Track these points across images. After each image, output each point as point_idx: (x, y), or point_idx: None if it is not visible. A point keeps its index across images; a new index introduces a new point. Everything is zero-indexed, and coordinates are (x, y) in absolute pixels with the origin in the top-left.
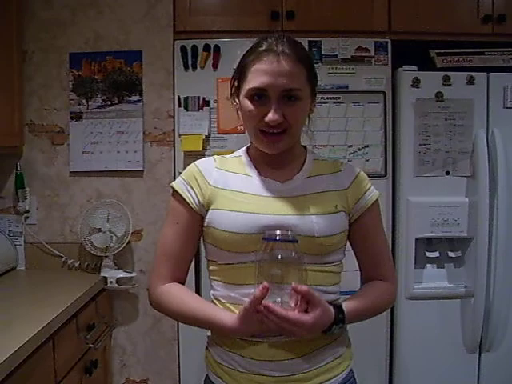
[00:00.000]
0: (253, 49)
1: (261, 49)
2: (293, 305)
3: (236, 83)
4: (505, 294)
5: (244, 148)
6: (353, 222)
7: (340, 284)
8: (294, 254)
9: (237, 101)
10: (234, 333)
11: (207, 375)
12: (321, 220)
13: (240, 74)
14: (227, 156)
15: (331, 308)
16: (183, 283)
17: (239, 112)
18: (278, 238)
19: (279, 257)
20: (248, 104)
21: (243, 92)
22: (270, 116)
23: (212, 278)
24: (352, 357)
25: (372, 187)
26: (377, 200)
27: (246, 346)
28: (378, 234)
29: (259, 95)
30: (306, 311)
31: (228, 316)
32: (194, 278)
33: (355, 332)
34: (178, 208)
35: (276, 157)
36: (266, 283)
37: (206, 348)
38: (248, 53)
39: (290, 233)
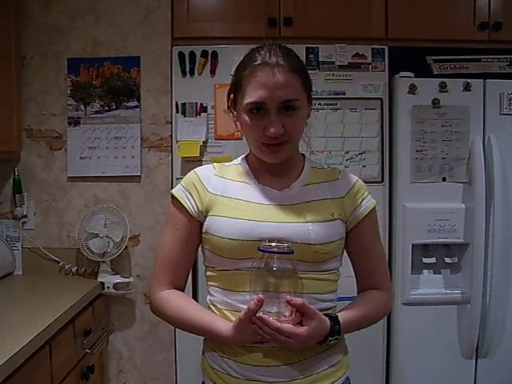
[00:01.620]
0: (246, 62)
1: (255, 63)
2: (287, 314)
3: (232, 96)
4: (501, 299)
5: (243, 156)
6: (349, 230)
7: (337, 292)
8: (289, 265)
9: (234, 113)
10: (230, 341)
11: (203, 381)
12: (317, 228)
13: (236, 88)
14: (226, 164)
15: (327, 320)
16: (183, 289)
17: (237, 123)
18: (273, 249)
19: (275, 268)
20: (247, 119)
21: (241, 106)
22: (272, 130)
23: (209, 283)
24: (349, 364)
25: (369, 196)
26: (374, 209)
27: (241, 351)
28: (375, 243)
29: (257, 108)
30: (301, 323)
31: (224, 325)
32: (191, 284)
33: (352, 338)
34: (178, 215)
35: (275, 164)
36: (261, 295)
37: (203, 353)
38: (242, 66)
39: (286, 244)
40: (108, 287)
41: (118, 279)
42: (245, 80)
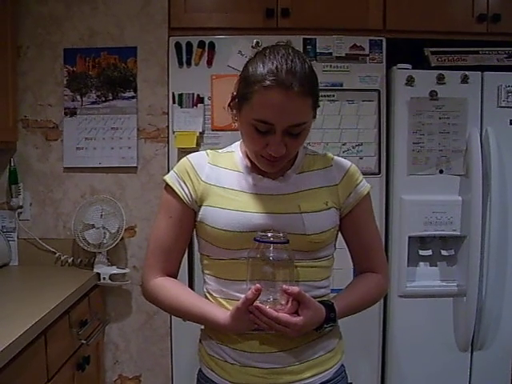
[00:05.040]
0: (260, 71)
1: (268, 83)
2: (284, 302)
3: (237, 100)
4: (497, 292)
5: (237, 143)
6: (345, 215)
7: (330, 279)
8: (285, 254)
9: (234, 112)
10: (227, 330)
11: (200, 368)
12: (311, 218)
13: (244, 96)
14: (220, 151)
15: (322, 307)
16: (176, 276)
17: (236, 122)
18: (269, 239)
19: (271, 257)
20: (251, 131)
21: (246, 115)
22: (274, 150)
23: (205, 272)
24: (344, 350)
25: (363, 180)
26: (368, 193)
27: (238, 338)
28: (370, 227)
29: (263, 126)
30: (297, 311)
31: (221, 313)
32: (187, 272)
33: (348, 330)
34: (171, 202)
35: None
36: (258, 285)
37: (199, 341)
38: (254, 76)
39: (281, 234)
40: (104, 278)
41: (114, 270)
42: (255, 94)
